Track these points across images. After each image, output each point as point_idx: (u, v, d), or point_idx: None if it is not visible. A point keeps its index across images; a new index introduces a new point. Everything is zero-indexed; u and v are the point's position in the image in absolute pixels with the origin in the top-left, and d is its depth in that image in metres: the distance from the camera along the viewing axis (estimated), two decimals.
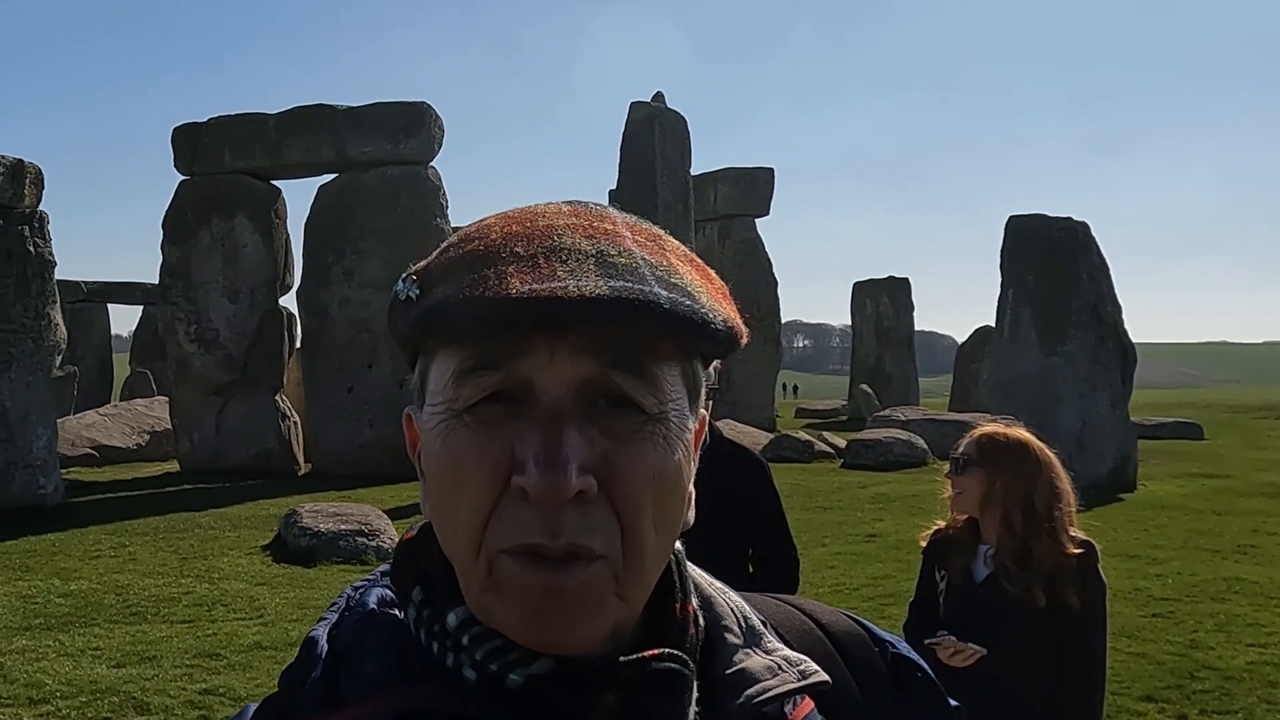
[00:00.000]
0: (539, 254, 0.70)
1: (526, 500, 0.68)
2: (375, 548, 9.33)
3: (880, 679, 0.84)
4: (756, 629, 0.80)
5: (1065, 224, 14.51)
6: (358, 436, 15.09)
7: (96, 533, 10.51)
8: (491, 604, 0.70)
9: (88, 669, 6.10)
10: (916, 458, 16.81)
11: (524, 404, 0.69)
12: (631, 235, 0.74)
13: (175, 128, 16.29)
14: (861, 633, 0.87)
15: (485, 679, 0.71)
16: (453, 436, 0.71)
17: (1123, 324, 14.43)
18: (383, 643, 0.74)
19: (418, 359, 0.76)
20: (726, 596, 0.82)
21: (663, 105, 19.37)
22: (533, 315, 0.66)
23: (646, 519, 0.70)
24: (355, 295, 15.39)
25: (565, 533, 0.67)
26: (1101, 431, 13.87)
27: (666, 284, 0.70)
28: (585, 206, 0.76)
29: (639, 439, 0.70)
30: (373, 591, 0.78)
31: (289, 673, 0.77)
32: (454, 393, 0.70)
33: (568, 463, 0.67)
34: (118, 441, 17.08)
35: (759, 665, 0.77)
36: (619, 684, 0.70)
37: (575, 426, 0.68)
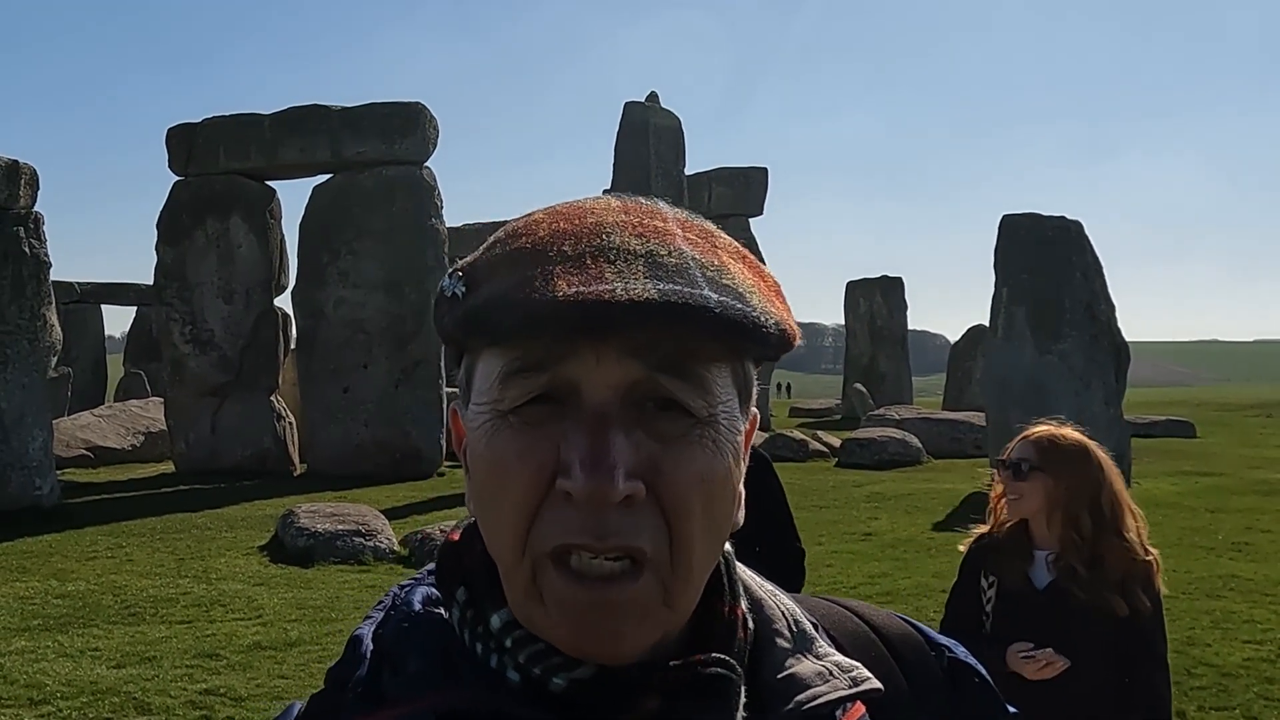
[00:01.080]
0: (586, 254, 0.68)
1: (570, 503, 0.67)
2: (373, 548, 9.34)
3: (935, 684, 0.82)
4: (808, 633, 0.79)
5: (1059, 223, 14.53)
6: (353, 437, 15.09)
7: (93, 534, 10.51)
8: (534, 612, 0.69)
9: (88, 669, 6.10)
10: (911, 456, 16.86)
11: (570, 406, 0.68)
12: (683, 233, 0.72)
13: (170, 128, 16.26)
14: (916, 636, 0.85)
15: (529, 681, 0.70)
16: (497, 437, 0.70)
17: (1116, 322, 14.46)
18: (427, 642, 0.74)
19: (463, 356, 0.75)
20: (777, 599, 0.81)
21: (657, 105, 19.41)
22: (578, 319, 0.65)
23: (695, 523, 0.69)
24: (350, 295, 15.39)
25: (612, 535, 0.66)
26: (1095, 429, 13.53)
27: (717, 285, 0.69)
28: (636, 202, 0.75)
29: (687, 442, 0.69)
30: (418, 590, 0.78)
31: (334, 671, 0.76)
32: (499, 393, 0.70)
33: (614, 467, 0.66)
34: (113, 442, 17.06)
35: (809, 670, 0.75)
36: (662, 689, 0.69)
37: (622, 430, 0.67)
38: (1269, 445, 19.83)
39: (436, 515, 11.34)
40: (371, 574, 8.76)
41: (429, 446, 15.31)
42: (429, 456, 15.26)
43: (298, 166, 16.16)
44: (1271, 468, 15.96)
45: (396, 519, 10.78)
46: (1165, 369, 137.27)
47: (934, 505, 12.29)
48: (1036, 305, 14.14)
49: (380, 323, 15.36)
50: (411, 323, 15.40)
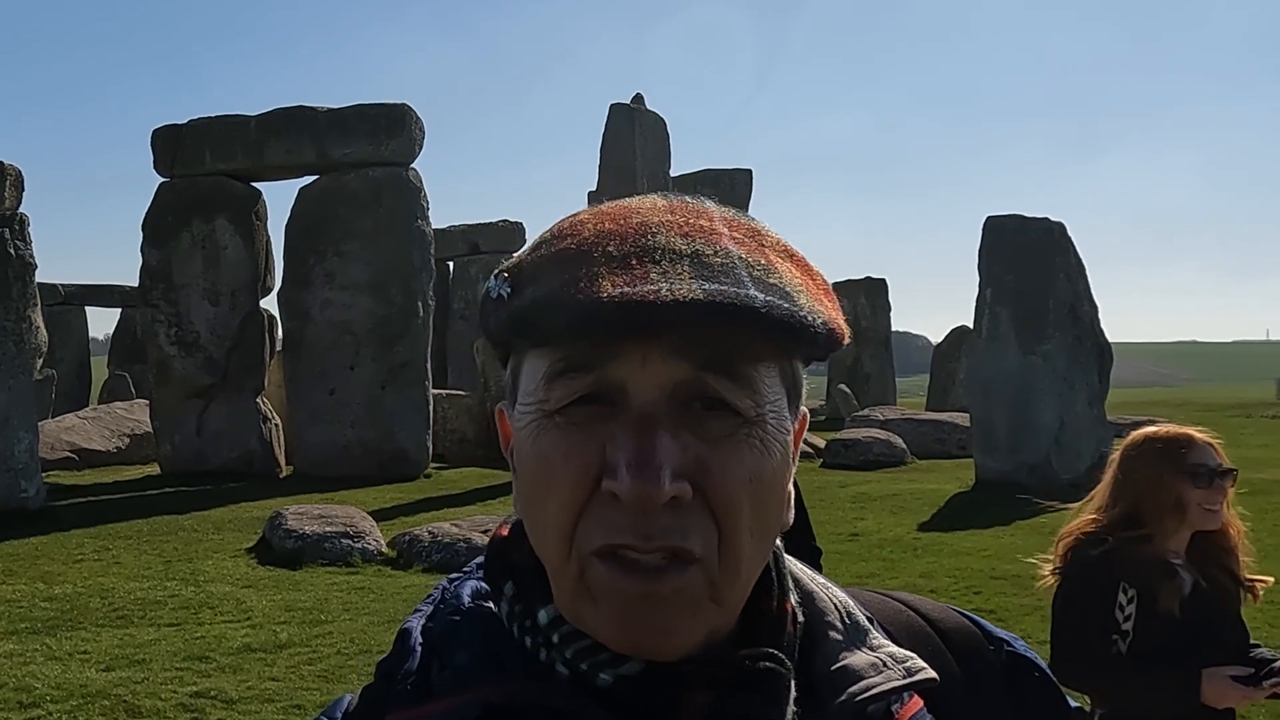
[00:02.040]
0: (631, 254, 0.68)
1: (616, 503, 0.66)
2: (361, 550, 9.33)
3: (993, 677, 0.81)
4: (861, 625, 0.78)
5: (1042, 224, 14.64)
6: (340, 438, 15.07)
7: (79, 536, 10.48)
8: (583, 609, 0.69)
9: (77, 672, 6.09)
10: (896, 457, 16.92)
11: (616, 406, 0.68)
12: (729, 232, 0.72)
13: (155, 130, 16.18)
14: (973, 629, 0.84)
15: (577, 676, 0.70)
16: (543, 437, 0.70)
17: (1099, 323, 14.57)
18: (476, 636, 0.74)
19: (510, 357, 0.75)
20: (830, 592, 0.80)
21: (642, 107, 19.42)
22: (623, 319, 0.65)
23: (744, 523, 0.68)
24: (337, 297, 15.36)
25: (659, 535, 0.66)
26: (1079, 430, 14.01)
27: (764, 285, 0.68)
28: (683, 201, 0.74)
29: (735, 442, 0.68)
30: (467, 584, 0.79)
31: (384, 664, 0.77)
32: (545, 394, 0.70)
33: (660, 468, 0.65)
34: (97, 445, 16.99)
35: (862, 662, 0.75)
36: (711, 683, 0.69)
37: (668, 430, 0.67)
38: (1251, 445, 19.95)
39: (424, 517, 11.33)
40: (360, 576, 8.75)
41: (415, 448, 15.30)
42: (415, 458, 15.24)
43: (284, 168, 16.10)
44: (1254, 467, 16.06)
45: (384, 521, 10.77)
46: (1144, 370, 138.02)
47: (919, 506, 12.34)
48: (1020, 306, 14.23)
49: (366, 324, 15.34)
50: (398, 324, 15.39)
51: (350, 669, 6.07)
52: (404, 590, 8.06)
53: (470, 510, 11.78)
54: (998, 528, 10.85)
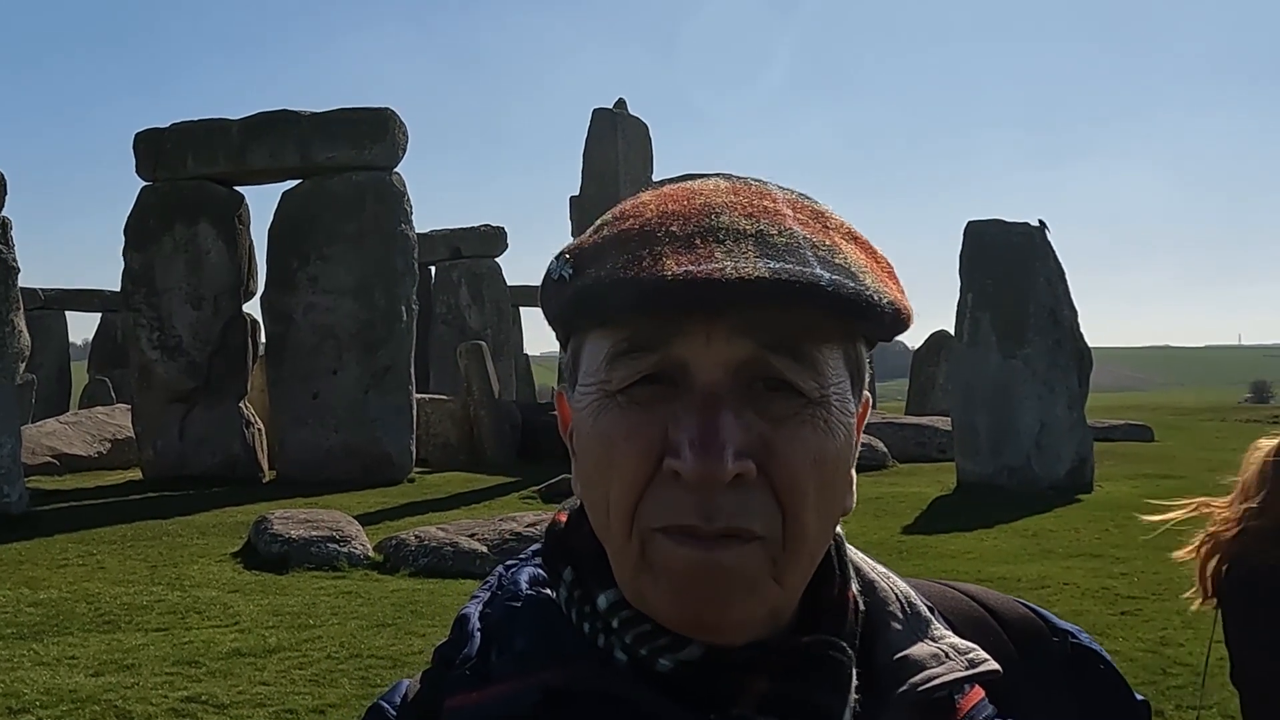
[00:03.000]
0: (695, 234, 0.68)
1: (679, 483, 0.66)
2: (347, 554, 9.33)
3: (1056, 669, 0.81)
4: (923, 615, 0.77)
5: (1022, 229, 14.76)
6: (323, 443, 15.05)
7: (63, 541, 10.44)
8: (644, 584, 0.69)
9: (65, 677, 6.08)
10: (877, 460, 16.98)
11: (679, 386, 0.68)
12: (793, 213, 0.71)
13: (137, 133, 16.15)
14: (1036, 620, 0.83)
15: (636, 662, 0.70)
16: (605, 417, 0.69)
17: (1079, 327, 14.70)
18: (534, 621, 0.74)
19: (569, 339, 0.75)
20: (891, 581, 0.79)
21: (625, 111, 19.47)
22: (688, 297, 0.65)
23: (809, 504, 0.68)
24: (320, 301, 15.35)
25: (722, 516, 0.66)
26: (1059, 433, 14.12)
27: (829, 264, 0.68)
28: (745, 183, 0.74)
29: (799, 423, 0.68)
30: (524, 571, 0.78)
31: (442, 650, 0.77)
32: (607, 374, 0.69)
33: (724, 447, 0.65)
34: (79, 450, 16.92)
35: (924, 653, 0.74)
36: (771, 670, 0.68)
37: (732, 410, 0.66)
38: (1225, 449, 20.12)
39: (409, 521, 11.34)
40: (347, 580, 8.76)
41: (399, 452, 15.30)
42: (399, 462, 15.24)
43: (267, 172, 16.10)
44: (1230, 471, 16.02)
45: (368, 525, 10.76)
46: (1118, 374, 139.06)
47: (902, 509, 12.42)
48: (1001, 311, 14.35)
49: (350, 328, 15.33)
50: (381, 328, 15.39)
51: (341, 673, 6.08)
52: (392, 594, 8.07)
53: (455, 514, 11.80)
54: (981, 530, 10.94)
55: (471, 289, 26.44)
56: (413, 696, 0.78)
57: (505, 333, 26.02)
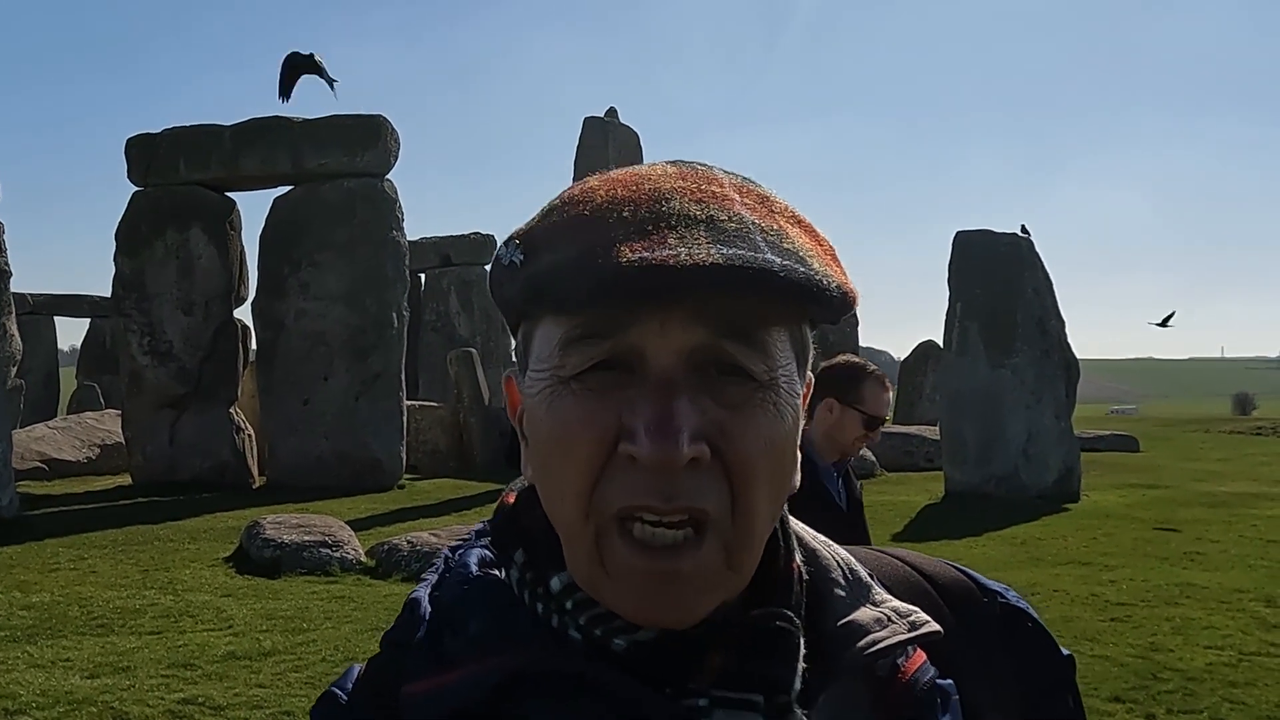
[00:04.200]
0: (647, 220, 0.68)
1: (634, 467, 0.67)
2: (340, 559, 9.35)
3: (988, 629, 0.82)
4: (864, 580, 0.79)
5: (1010, 239, 14.87)
6: (314, 449, 15.05)
7: (54, 545, 10.42)
8: (599, 580, 0.70)
9: (61, 680, 6.09)
10: (865, 469, 17.01)
11: (633, 372, 0.69)
12: (740, 198, 0.72)
13: (129, 138, 16.12)
14: (967, 582, 0.85)
15: (590, 642, 0.71)
16: (559, 403, 0.70)
17: (1066, 338, 14.80)
18: (487, 604, 0.74)
19: (520, 324, 0.76)
20: (831, 549, 0.81)
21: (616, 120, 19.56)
22: (643, 285, 0.65)
23: (760, 487, 0.69)
24: (311, 307, 15.36)
25: (679, 497, 0.67)
26: (1047, 443, 14.22)
27: (778, 249, 0.68)
28: (691, 168, 0.74)
29: (751, 406, 0.69)
30: (472, 552, 0.78)
31: (391, 635, 0.77)
32: (560, 360, 0.70)
33: (680, 432, 0.66)
34: (68, 455, 16.86)
35: (868, 617, 0.75)
36: (725, 645, 0.70)
37: (686, 395, 0.67)
38: (1210, 459, 20.30)
39: (400, 527, 11.35)
40: (339, 585, 8.78)
41: (389, 459, 15.30)
42: (390, 469, 15.25)
43: (258, 178, 16.09)
44: (1215, 480, 16.37)
45: (359, 531, 10.75)
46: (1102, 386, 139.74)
47: (891, 517, 12.48)
48: (989, 320, 14.45)
49: (341, 335, 15.34)
50: (372, 335, 15.41)
51: (336, 676, 6.08)
52: (384, 599, 8.09)
53: (445, 520, 11.82)
54: (969, 538, 11.01)
55: (461, 296, 26.44)
56: (362, 681, 0.77)
57: (495, 340, 26.00)
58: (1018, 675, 0.82)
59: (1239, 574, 9.02)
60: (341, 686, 0.77)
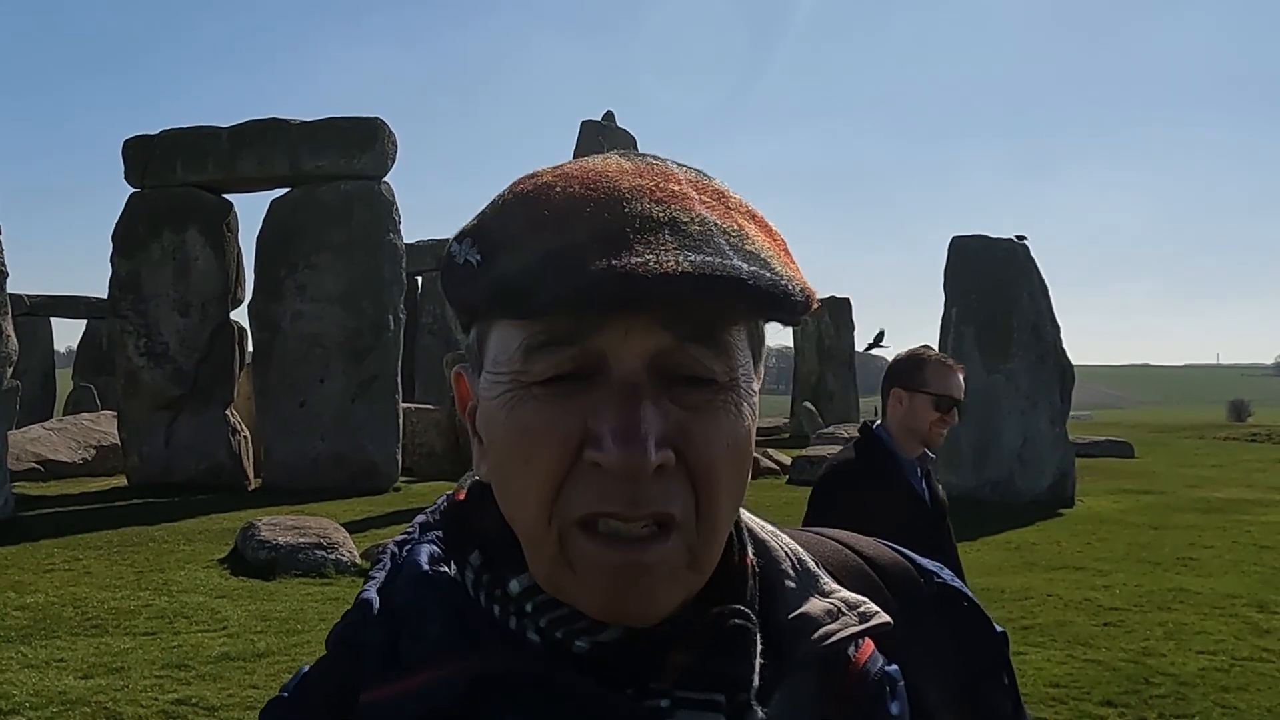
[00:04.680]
0: (611, 223, 0.66)
1: (600, 473, 0.66)
2: (334, 560, 9.36)
3: (928, 609, 0.83)
4: (812, 570, 0.79)
5: (1006, 245, 14.92)
6: (310, 451, 15.06)
7: (48, 546, 10.43)
8: (564, 579, 0.69)
9: (54, 680, 6.10)
10: None
11: (595, 377, 0.68)
12: (699, 196, 0.71)
13: (126, 140, 16.16)
14: (905, 563, 0.86)
15: (550, 644, 0.70)
16: (521, 409, 0.68)
17: (1061, 343, 14.83)
18: (443, 606, 0.73)
19: (473, 323, 0.74)
20: (780, 540, 0.80)
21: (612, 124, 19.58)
22: (614, 293, 0.64)
23: (722, 488, 0.69)
24: (307, 309, 15.38)
25: (645, 503, 0.66)
26: (1042, 448, 14.25)
27: (742, 252, 0.68)
28: (647, 164, 0.73)
29: (713, 409, 0.69)
30: (422, 549, 0.77)
31: (340, 634, 0.75)
32: (523, 365, 0.68)
33: (646, 438, 0.65)
34: (64, 456, 16.86)
35: (819, 609, 0.76)
36: (685, 644, 0.70)
37: (651, 400, 0.67)
38: (1205, 465, 20.34)
39: (395, 529, 11.33)
40: (334, 587, 8.79)
41: (385, 461, 15.32)
42: (385, 471, 15.26)
43: (255, 180, 16.12)
44: (1209, 486, 16.40)
45: (354, 533, 10.76)
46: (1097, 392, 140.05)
47: None
48: (985, 325, 14.49)
49: (337, 337, 15.35)
50: (369, 337, 15.42)
51: None
52: None
53: None
54: (964, 542, 10.85)
55: None
56: (312, 684, 0.76)
57: None
58: (955, 653, 0.83)
59: (1232, 579, 9.04)
60: (296, 690, 0.76)
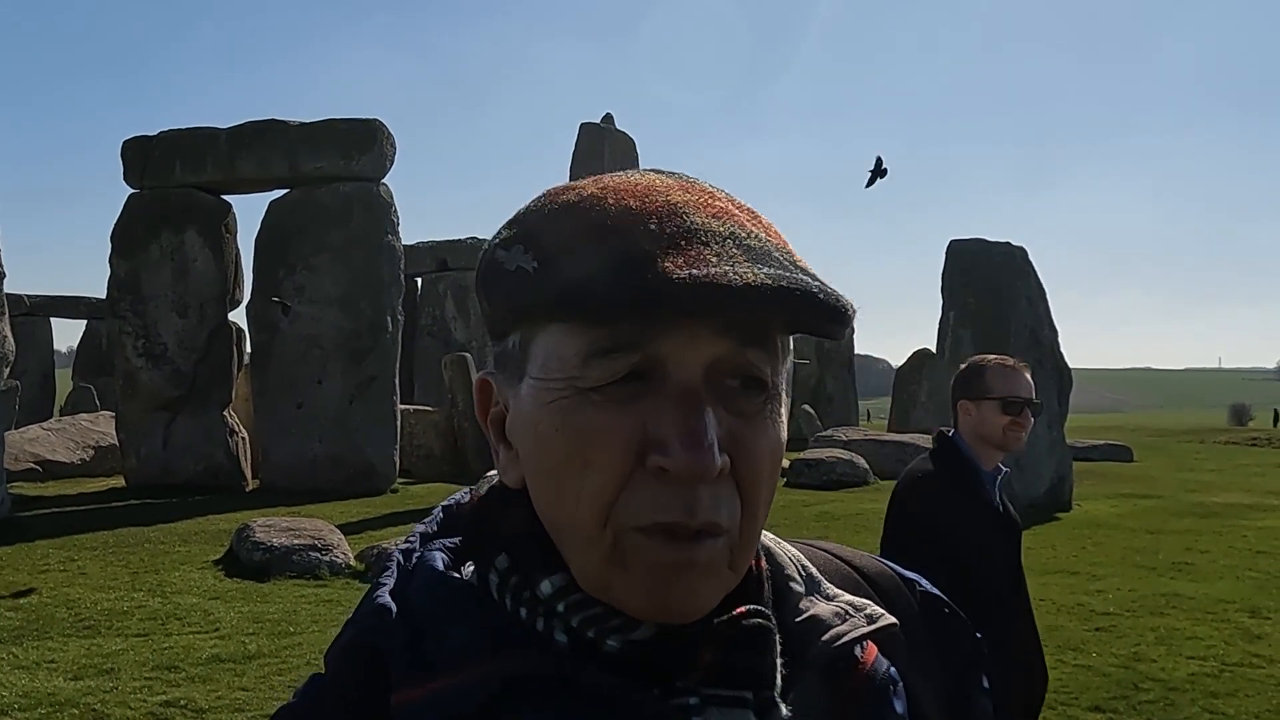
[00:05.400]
0: (676, 234, 0.68)
1: (662, 479, 0.67)
2: (329, 562, 9.36)
3: (913, 616, 0.85)
4: (815, 576, 0.81)
5: (1004, 248, 14.91)
6: (307, 452, 15.06)
7: (44, 547, 10.43)
8: (613, 577, 0.70)
9: (44, 681, 6.10)
10: (859, 477, 17.05)
11: (654, 381, 0.68)
12: (743, 214, 0.72)
13: (125, 140, 16.17)
14: (891, 573, 0.88)
15: (579, 644, 0.71)
16: (577, 414, 0.69)
17: (1059, 347, 14.83)
18: (464, 608, 0.73)
19: (513, 330, 0.74)
20: (782, 547, 0.82)
21: (612, 126, 19.58)
22: (695, 302, 0.65)
23: (765, 494, 0.71)
24: (306, 311, 15.38)
25: (702, 511, 0.67)
26: (1039, 452, 14.22)
27: (799, 268, 0.69)
28: (686, 180, 0.74)
29: (761, 417, 0.71)
30: (435, 556, 0.77)
31: (354, 639, 0.74)
32: (580, 371, 0.69)
33: (712, 443, 0.66)
34: (62, 456, 16.87)
35: (827, 612, 0.78)
36: (713, 642, 0.71)
37: (710, 406, 0.68)
38: (1204, 470, 20.33)
39: (391, 531, 11.37)
40: (328, 589, 8.79)
41: (383, 462, 15.32)
42: (383, 472, 15.27)
43: (254, 181, 16.12)
44: (1207, 491, 16.38)
45: (351, 534, 10.77)
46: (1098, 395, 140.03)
47: (880, 525, 12.39)
48: (982, 329, 14.47)
49: (335, 338, 15.36)
50: (367, 338, 15.42)
51: None
52: None
53: None
54: None
55: (457, 301, 26.44)
56: (332, 690, 0.75)
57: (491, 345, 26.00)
58: (940, 657, 0.85)
59: (1226, 585, 9.03)
60: (311, 695, 0.76)
